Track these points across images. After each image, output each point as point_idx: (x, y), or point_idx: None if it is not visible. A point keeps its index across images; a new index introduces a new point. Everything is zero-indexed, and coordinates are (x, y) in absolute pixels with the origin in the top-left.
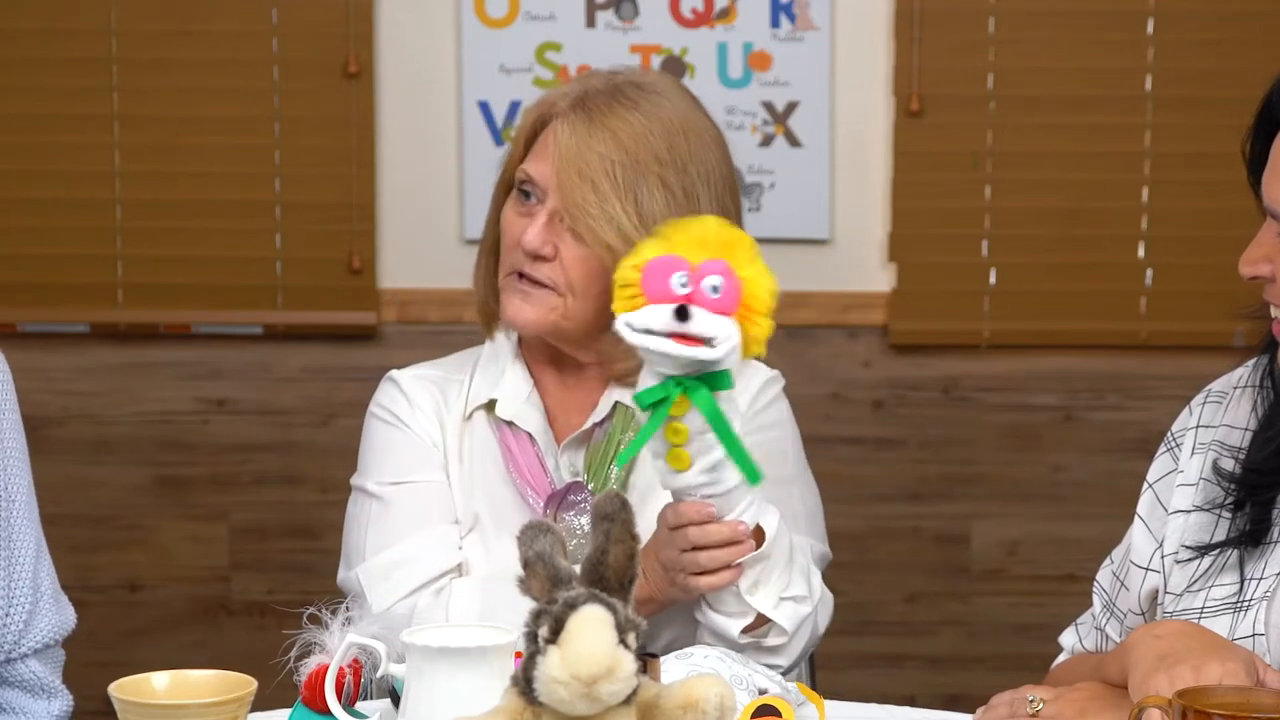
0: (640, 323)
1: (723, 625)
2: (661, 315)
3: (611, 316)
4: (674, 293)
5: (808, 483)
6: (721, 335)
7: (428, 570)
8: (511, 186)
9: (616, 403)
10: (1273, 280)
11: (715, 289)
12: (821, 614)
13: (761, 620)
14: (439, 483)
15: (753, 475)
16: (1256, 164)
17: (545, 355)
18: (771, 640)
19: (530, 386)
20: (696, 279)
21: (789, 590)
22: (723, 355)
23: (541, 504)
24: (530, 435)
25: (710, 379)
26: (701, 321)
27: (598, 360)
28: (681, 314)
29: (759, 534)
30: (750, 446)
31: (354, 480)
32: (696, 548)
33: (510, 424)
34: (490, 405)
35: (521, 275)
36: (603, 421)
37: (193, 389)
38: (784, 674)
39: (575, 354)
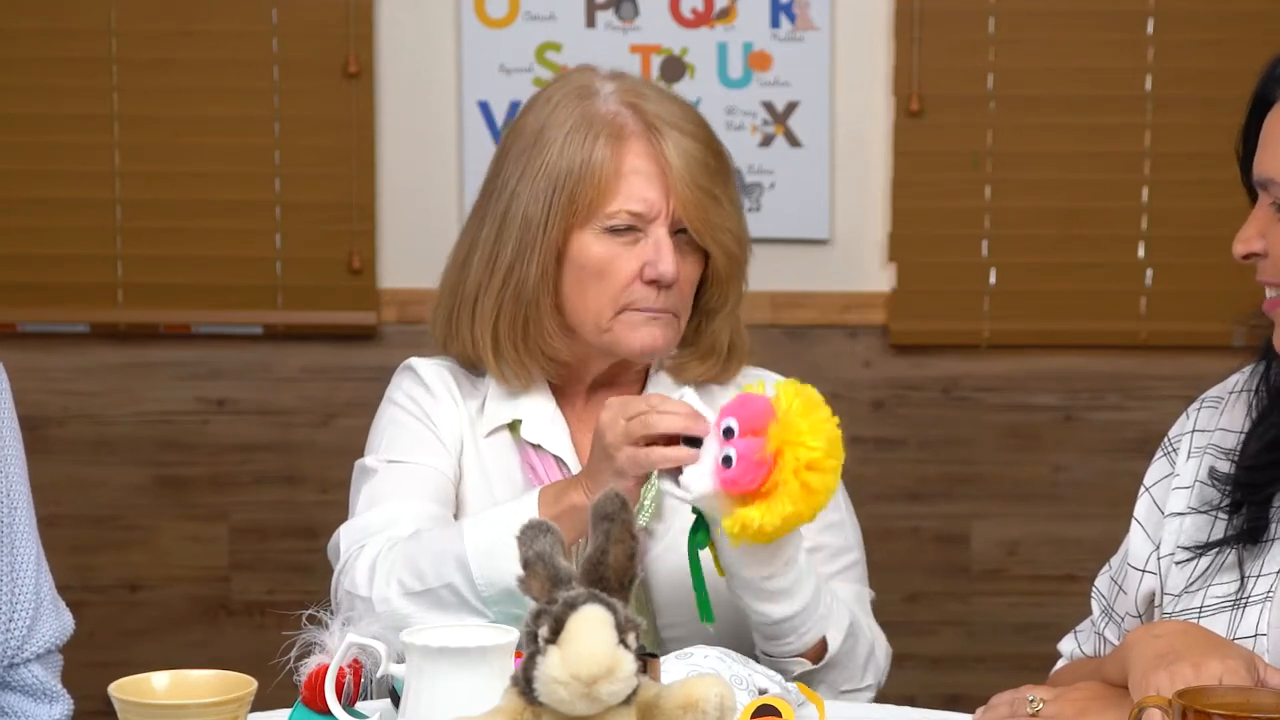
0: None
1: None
2: (692, 432)
3: (690, 327)
4: (719, 430)
5: (854, 518)
6: (687, 488)
7: (401, 532)
8: (566, 230)
9: None
10: (1266, 256)
11: (726, 460)
12: (882, 662)
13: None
14: (434, 468)
15: (706, 615)
16: (1250, 155)
17: (593, 378)
18: None
19: (554, 407)
20: (737, 440)
21: (848, 685)
22: (687, 498)
23: None
24: (558, 458)
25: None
26: (692, 473)
27: (669, 368)
28: (691, 441)
29: (821, 647)
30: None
31: (359, 461)
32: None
33: (536, 446)
34: (513, 425)
35: (642, 310)
36: None
37: (193, 389)
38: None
39: (630, 373)
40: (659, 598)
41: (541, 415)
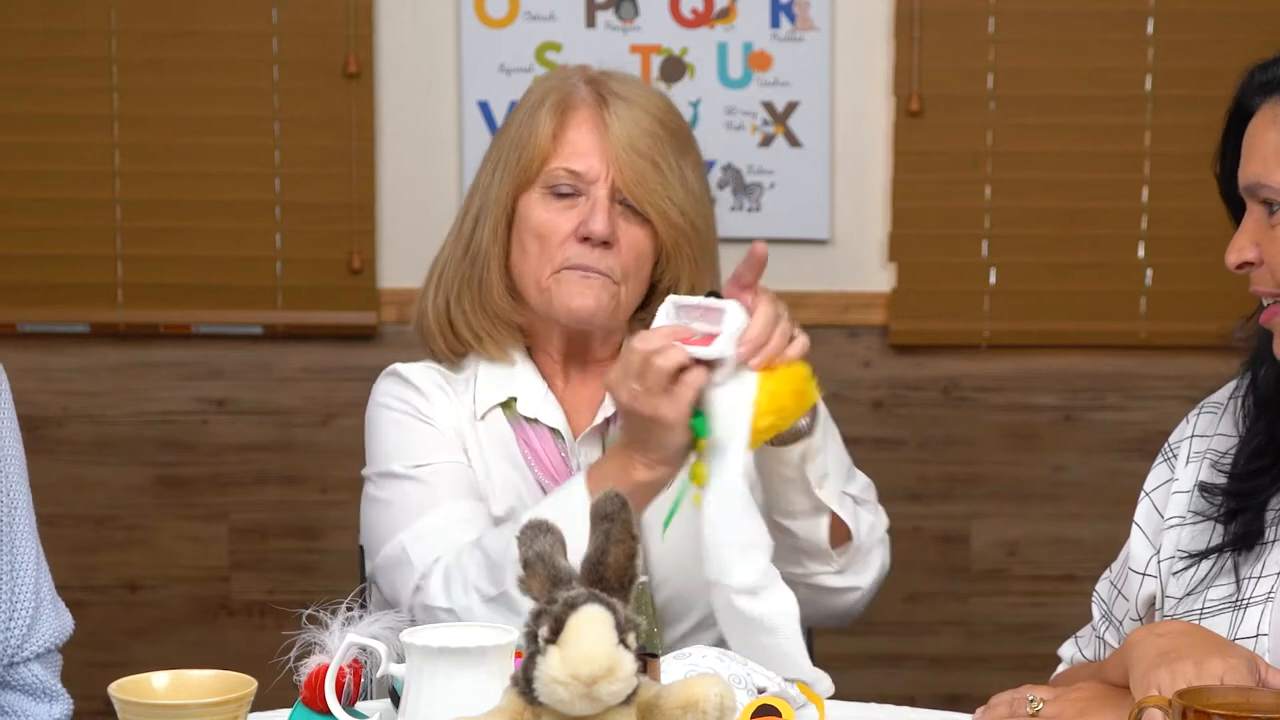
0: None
1: (810, 532)
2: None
3: (644, 302)
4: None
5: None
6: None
7: (463, 536)
8: (514, 194)
9: None
10: (1260, 264)
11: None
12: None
13: (843, 536)
14: (458, 463)
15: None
16: (1228, 167)
17: (560, 353)
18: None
19: (544, 384)
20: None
21: (850, 488)
22: (708, 353)
23: None
24: (554, 431)
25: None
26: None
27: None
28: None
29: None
30: None
31: (372, 469)
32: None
33: (532, 421)
34: (507, 404)
35: (576, 268)
36: (614, 416)
37: (193, 389)
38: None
39: (598, 347)
40: (661, 596)
41: (534, 392)
